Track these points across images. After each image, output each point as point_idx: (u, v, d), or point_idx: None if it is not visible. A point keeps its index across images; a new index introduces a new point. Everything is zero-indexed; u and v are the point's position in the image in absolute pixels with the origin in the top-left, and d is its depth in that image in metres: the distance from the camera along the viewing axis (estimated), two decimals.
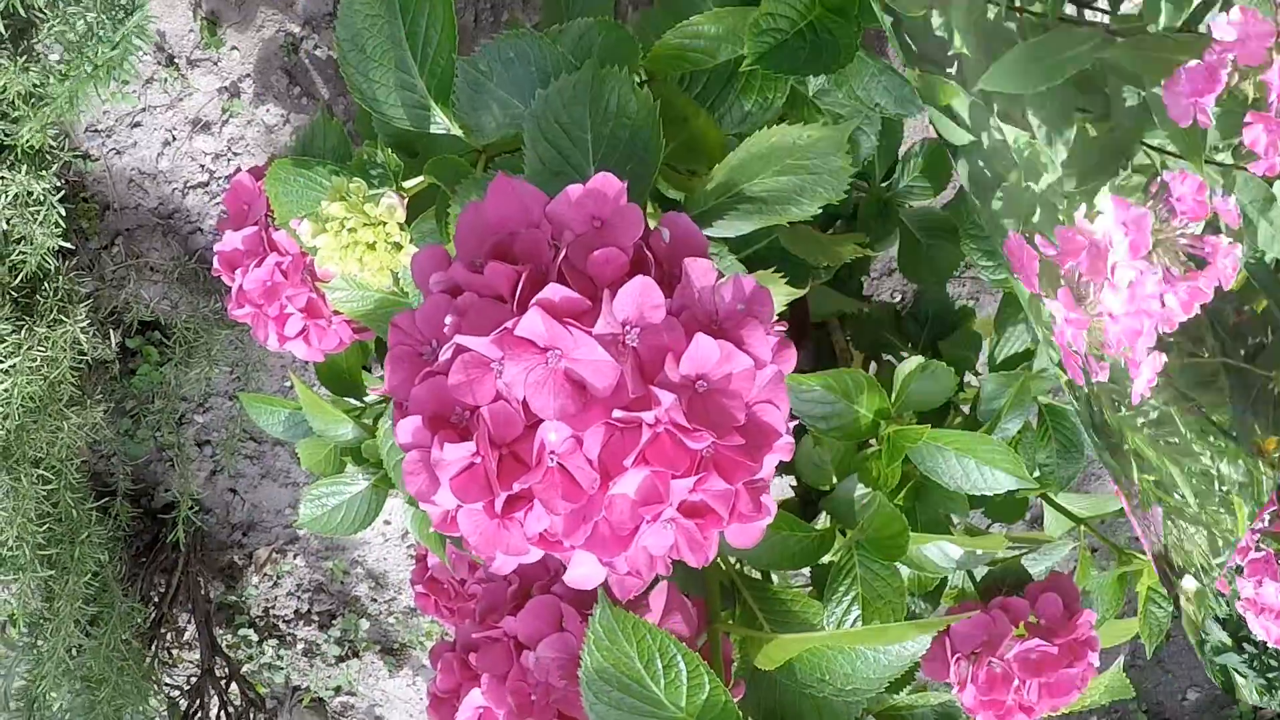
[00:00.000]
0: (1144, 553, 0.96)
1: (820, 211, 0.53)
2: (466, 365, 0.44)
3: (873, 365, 1.09)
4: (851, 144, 0.91)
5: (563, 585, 0.69)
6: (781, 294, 0.55)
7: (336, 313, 0.80)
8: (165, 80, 1.36)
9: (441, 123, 0.70)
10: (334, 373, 0.91)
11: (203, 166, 1.41)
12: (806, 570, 0.80)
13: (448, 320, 0.44)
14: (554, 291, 0.42)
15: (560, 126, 0.53)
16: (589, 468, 0.44)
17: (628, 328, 0.43)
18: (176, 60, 1.35)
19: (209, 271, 1.45)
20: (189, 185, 1.41)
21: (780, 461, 0.46)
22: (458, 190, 0.61)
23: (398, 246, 0.62)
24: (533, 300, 0.42)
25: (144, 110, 1.38)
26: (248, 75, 1.36)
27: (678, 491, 0.45)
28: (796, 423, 0.70)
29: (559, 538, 0.46)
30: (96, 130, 1.39)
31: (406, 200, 0.67)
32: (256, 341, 0.83)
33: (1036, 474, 0.88)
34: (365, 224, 0.61)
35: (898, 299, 1.52)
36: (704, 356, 0.43)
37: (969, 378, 1.02)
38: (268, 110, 1.37)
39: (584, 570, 0.49)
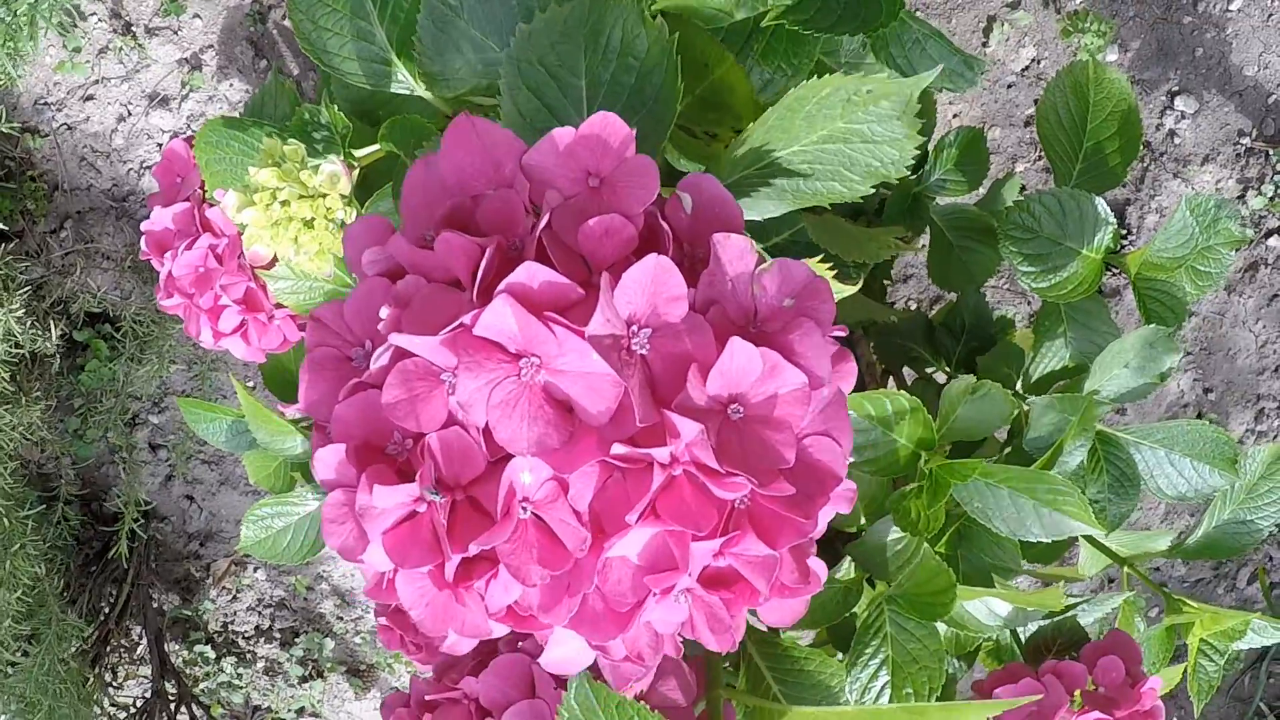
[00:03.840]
0: (1179, 593, 0.85)
1: (872, 192, 0.41)
2: (408, 376, 0.32)
3: (890, 382, 0.98)
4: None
5: (534, 641, 0.58)
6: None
7: (280, 306, 0.69)
8: (121, 50, 1.24)
9: (405, 80, 0.58)
10: (280, 375, 0.79)
11: (160, 145, 1.29)
12: None
13: (383, 313, 0.33)
14: (530, 273, 0.30)
15: (546, 69, 0.42)
16: (577, 523, 0.32)
17: (635, 327, 0.30)
18: (134, 28, 1.24)
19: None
20: (145, 165, 1.29)
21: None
22: (419, 154, 0.49)
23: (342, 225, 0.51)
24: (500, 286, 0.30)
25: (97, 82, 1.26)
26: (210, 46, 1.24)
27: (700, 557, 0.32)
28: None
29: (533, 613, 0.34)
30: (46, 103, 1.27)
31: (357, 171, 0.55)
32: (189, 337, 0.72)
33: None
34: (301, 196, 0.49)
35: (915, 308, 1.41)
36: (741, 370, 0.30)
37: None
38: (231, 85, 1.25)
39: (566, 652, 0.37)
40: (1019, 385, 0.87)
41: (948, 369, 0.83)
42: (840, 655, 0.69)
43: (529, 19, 0.47)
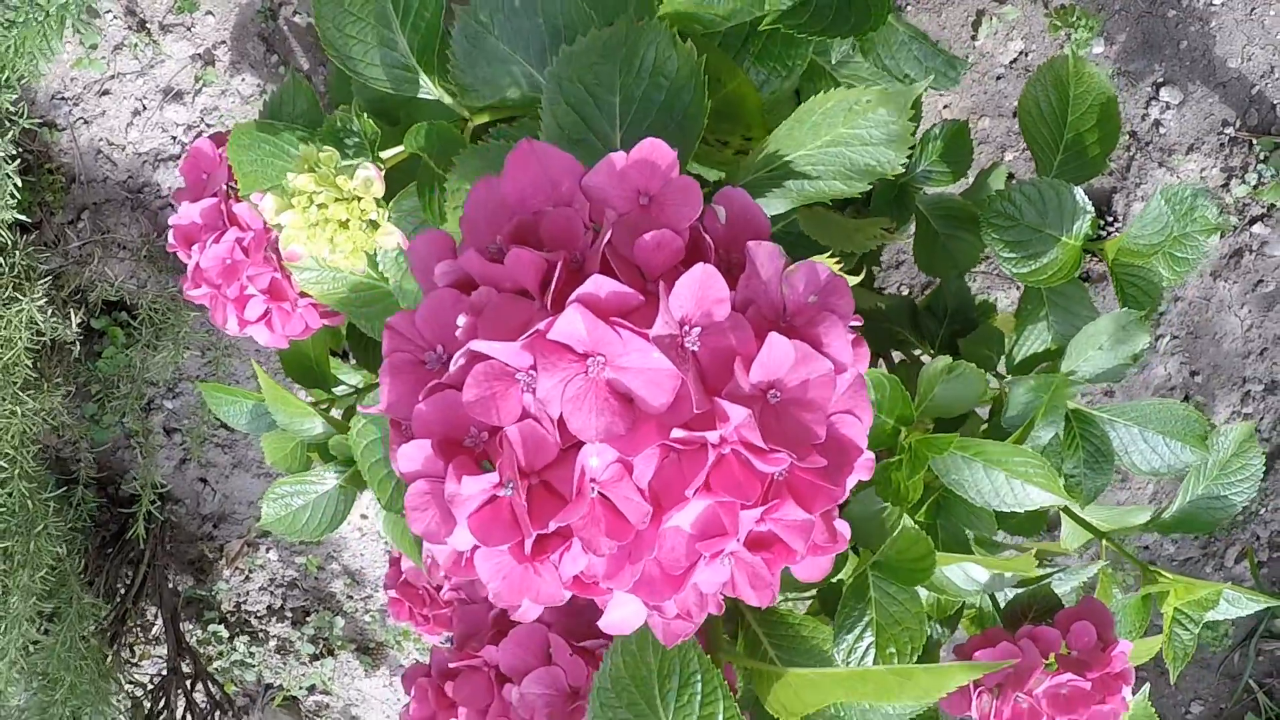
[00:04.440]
0: (1169, 571, 0.90)
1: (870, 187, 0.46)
2: (486, 376, 0.36)
3: (880, 364, 1.02)
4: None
5: (550, 611, 0.62)
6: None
7: (303, 295, 0.73)
8: (136, 46, 1.28)
9: (426, 86, 0.62)
10: (300, 361, 0.83)
11: (174, 138, 1.33)
12: None
13: (460, 321, 0.36)
14: (598, 285, 0.34)
15: (584, 86, 0.46)
16: (640, 498, 0.36)
17: (687, 327, 0.35)
18: (148, 25, 1.27)
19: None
20: (159, 158, 1.33)
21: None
22: (456, 161, 0.53)
23: (374, 225, 0.55)
24: (572, 295, 0.34)
25: (113, 77, 1.30)
26: (223, 42, 1.28)
27: (745, 523, 0.37)
28: None
29: (597, 581, 0.39)
30: (63, 98, 1.31)
31: (384, 173, 0.59)
32: (215, 325, 0.76)
33: (1063, 484, 0.81)
34: (337, 199, 0.53)
35: (907, 293, 1.45)
36: (779, 360, 0.35)
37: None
38: (243, 80, 1.29)
39: (625, 613, 0.41)
40: (1003, 366, 0.91)
41: (931, 351, 0.87)
42: (830, 620, 0.73)
43: (557, 36, 0.51)
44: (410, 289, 0.66)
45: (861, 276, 0.48)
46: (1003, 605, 0.73)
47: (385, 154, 0.63)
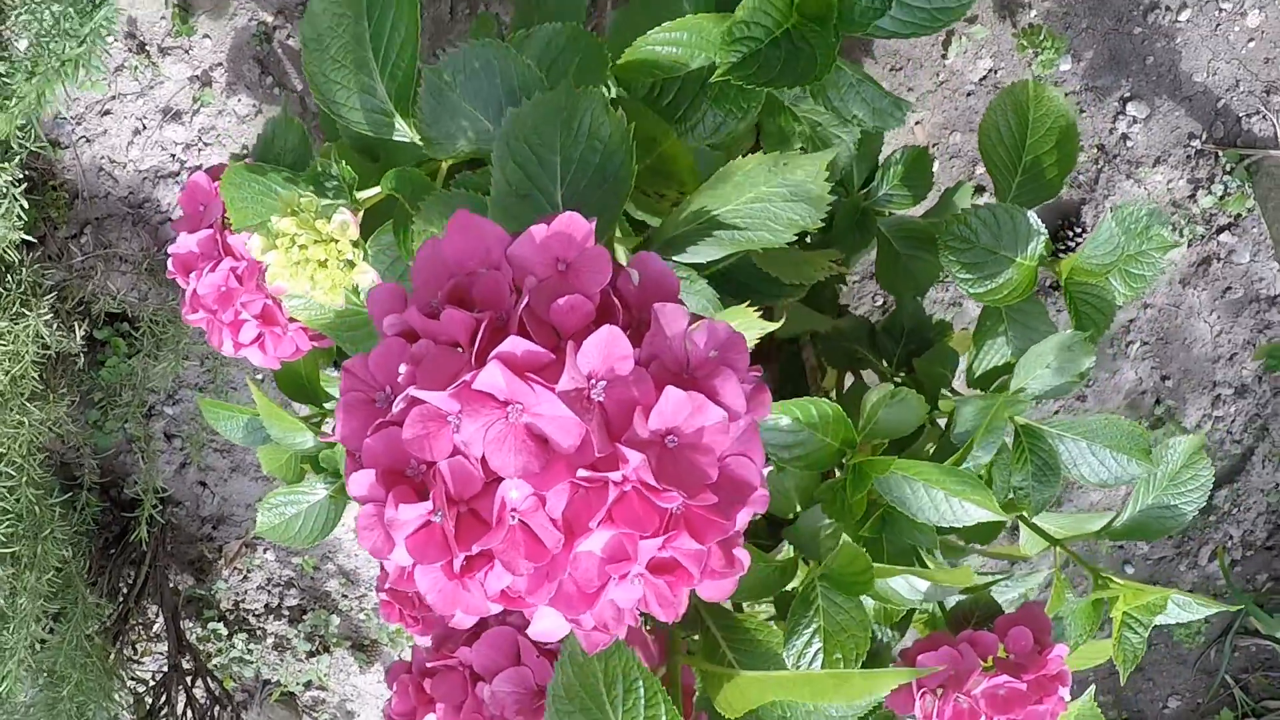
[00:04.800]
0: (1121, 576, 0.94)
1: (795, 238, 0.50)
2: (422, 418, 0.41)
3: (849, 377, 1.07)
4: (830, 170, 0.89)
5: (521, 616, 0.67)
6: (755, 328, 0.52)
7: (293, 320, 0.78)
8: (136, 68, 1.32)
9: (402, 129, 0.67)
10: (292, 380, 0.88)
11: (173, 156, 1.38)
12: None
13: (402, 369, 0.42)
14: (515, 345, 0.39)
15: (529, 147, 0.51)
16: (553, 527, 0.41)
17: (594, 381, 0.40)
18: (147, 47, 1.32)
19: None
20: (159, 175, 1.38)
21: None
22: (421, 208, 0.58)
23: (350, 264, 0.60)
24: (492, 353, 0.39)
25: (114, 98, 1.34)
26: (219, 64, 1.33)
27: (646, 551, 0.42)
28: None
29: (521, 595, 0.44)
30: (65, 118, 1.35)
31: (361, 214, 0.64)
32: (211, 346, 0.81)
33: (1012, 495, 0.86)
34: (316, 241, 0.58)
35: (880, 303, 1.49)
36: (674, 410, 0.40)
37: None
38: (239, 100, 1.34)
39: (548, 624, 0.46)
40: (965, 380, 0.96)
41: (890, 369, 0.92)
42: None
43: (512, 96, 0.56)
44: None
45: (780, 324, 0.52)
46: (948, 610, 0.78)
47: (365, 193, 0.67)
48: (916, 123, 1.43)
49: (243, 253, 0.76)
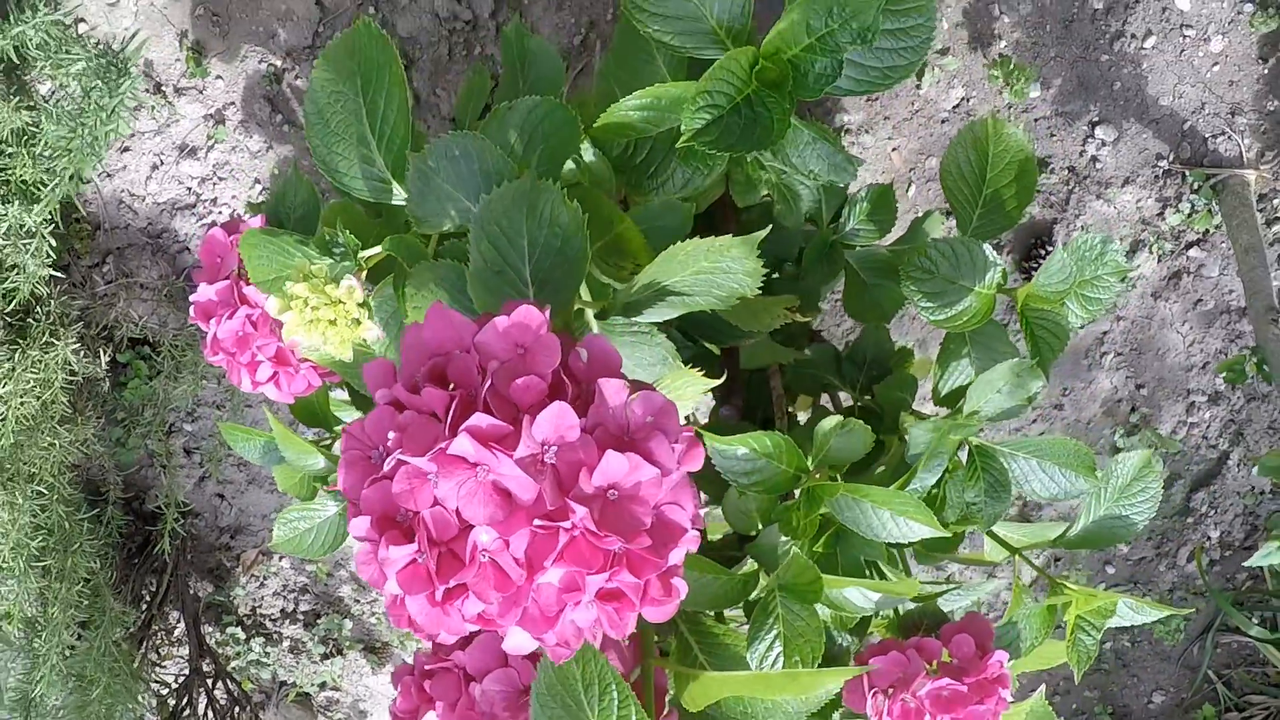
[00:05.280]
0: (1075, 582, 1.01)
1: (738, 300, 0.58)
2: (407, 476, 0.49)
3: (825, 397, 1.14)
4: (792, 202, 0.96)
5: None
6: (699, 387, 0.60)
7: (304, 360, 0.86)
8: (153, 107, 1.41)
9: (399, 195, 0.75)
10: (306, 409, 0.96)
11: (190, 189, 1.46)
12: None
13: (391, 435, 0.50)
14: (480, 419, 0.47)
15: (500, 229, 0.59)
16: (515, 565, 0.49)
17: (547, 446, 0.48)
18: (164, 88, 1.40)
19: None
20: (177, 207, 1.46)
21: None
22: (413, 273, 0.66)
23: (356, 322, 0.68)
24: (463, 425, 0.48)
25: (133, 135, 1.43)
26: (232, 103, 1.41)
27: (594, 584, 0.50)
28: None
29: (494, 619, 0.52)
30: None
31: (365, 273, 0.72)
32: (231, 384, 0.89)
33: (966, 511, 0.93)
34: (326, 303, 0.66)
35: (854, 325, 1.56)
36: (614, 470, 0.48)
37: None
38: (251, 137, 1.42)
39: (518, 640, 0.55)
40: (932, 398, 1.03)
41: (854, 394, 0.99)
42: None
43: (488, 179, 0.63)
44: (392, 359, 0.79)
45: (720, 381, 0.60)
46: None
47: (368, 252, 0.75)
48: (894, 149, 1.51)
49: (257, 301, 0.84)
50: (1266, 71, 1.51)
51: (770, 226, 0.68)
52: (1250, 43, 1.49)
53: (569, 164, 0.79)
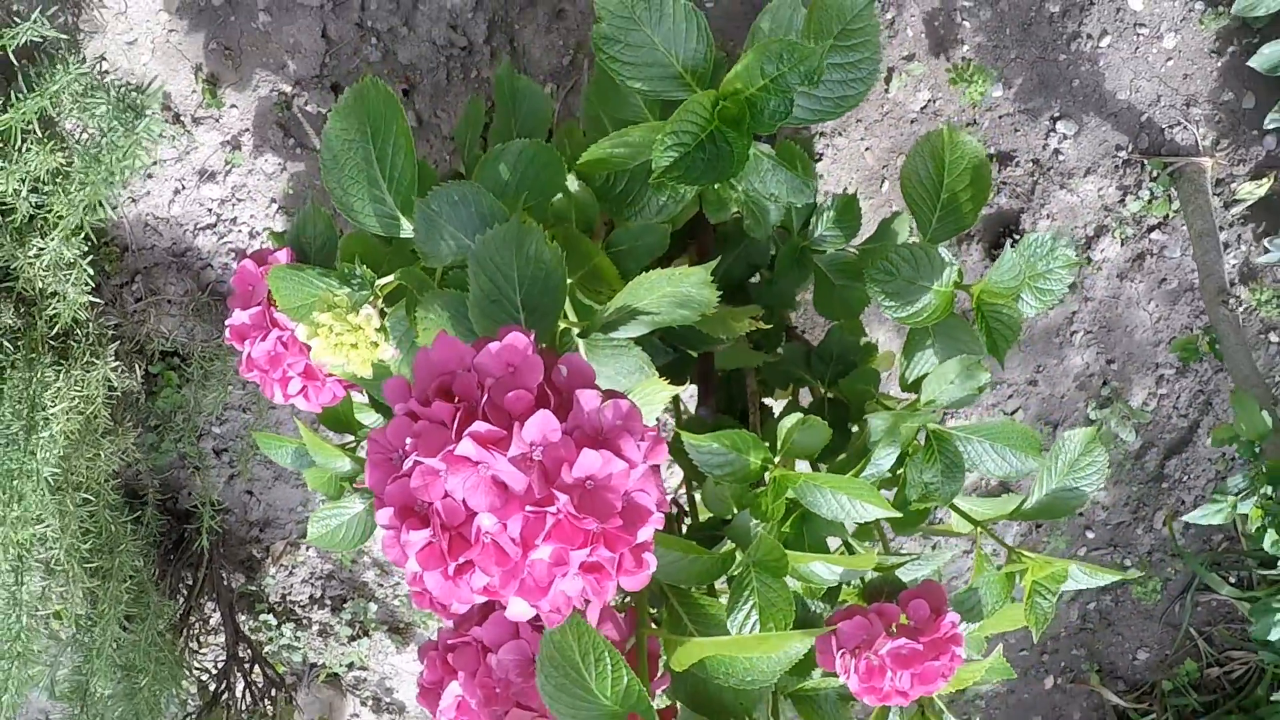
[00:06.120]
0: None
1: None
2: (422, 474, 0.61)
3: (803, 391, 1.25)
4: (760, 216, 1.07)
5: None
6: (666, 394, 0.71)
7: (330, 375, 0.97)
8: (173, 136, 1.51)
9: (408, 229, 0.86)
10: (333, 417, 1.07)
11: (210, 210, 1.57)
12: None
13: (408, 440, 0.61)
14: (480, 426, 0.59)
15: (494, 264, 0.69)
16: (512, 544, 0.61)
17: (534, 446, 0.59)
18: (182, 118, 1.51)
19: (220, 303, 1.62)
20: (199, 227, 1.57)
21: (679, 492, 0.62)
22: (421, 299, 0.77)
23: (375, 345, 0.79)
24: (466, 431, 0.59)
25: (155, 163, 1.53)
26: (246, 130, 1.51)
27: (577, 558, 0.62)
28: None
29: (497, 590, 0.63)
30: (112, 183, 1.54)
31: (381, 299, 0.83)
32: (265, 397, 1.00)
33: (924, 490, 1.04)
34: (348, 329, 0.77)
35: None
36: (590, 464, 0.59)
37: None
38: (266, 160, 1.53)
39: (518, 608, 0.66)
40: (899, 385, 1.14)
41: (823, 388, 1.10)
42: None
43: (483, 220, 0.74)
44: (405, 374, 0.90)
45: (682, 388, 0.71)
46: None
47: (383, 280, 0.86)
48: (866, 149, 1.60)
49: (286, 324, 0.95)
50: (1219, 65, 1.60)
51: (741, 244, 0.78)
52: (1202, 38, 1.58)
53: (558, 194, 0.89)
